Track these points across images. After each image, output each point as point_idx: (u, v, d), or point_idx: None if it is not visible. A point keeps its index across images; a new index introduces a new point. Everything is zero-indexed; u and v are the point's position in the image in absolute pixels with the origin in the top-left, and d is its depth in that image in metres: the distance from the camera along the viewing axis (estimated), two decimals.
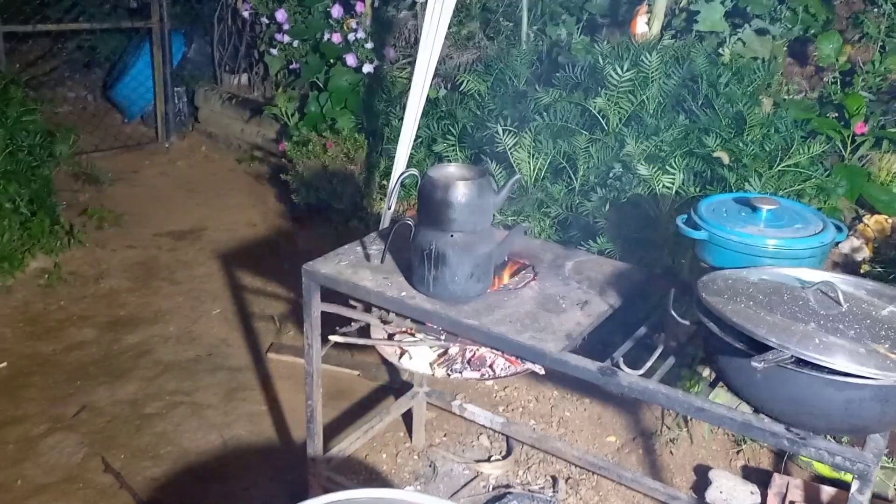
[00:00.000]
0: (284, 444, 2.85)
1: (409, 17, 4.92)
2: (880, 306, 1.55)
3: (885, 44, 3.88)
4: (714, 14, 3.70)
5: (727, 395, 2.33)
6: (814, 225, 1.83)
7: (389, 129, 4.16)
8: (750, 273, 1.68)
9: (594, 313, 1.89)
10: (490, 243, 1.91)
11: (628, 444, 2.85)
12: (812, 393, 1.38)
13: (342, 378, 3.24)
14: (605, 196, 2.93)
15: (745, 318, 1.46)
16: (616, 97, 3.07)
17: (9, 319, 3.65)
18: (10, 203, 4.10)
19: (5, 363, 3.31)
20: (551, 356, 1.71)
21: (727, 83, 3.11)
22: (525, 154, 3.13)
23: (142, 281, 4.03)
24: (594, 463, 2.50)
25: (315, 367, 2.16)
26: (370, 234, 2.32)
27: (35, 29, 5.47)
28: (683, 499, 2.37)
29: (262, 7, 5.16)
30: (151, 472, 2.69)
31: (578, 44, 3.65)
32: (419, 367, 2.02)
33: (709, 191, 2.83)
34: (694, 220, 1.86)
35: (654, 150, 2.90)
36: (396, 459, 2.77)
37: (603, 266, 2.16)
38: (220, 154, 5.77)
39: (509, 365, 1.97)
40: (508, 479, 2.67)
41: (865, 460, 1.39)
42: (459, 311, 1.86)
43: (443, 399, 2.77)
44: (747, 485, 2.54)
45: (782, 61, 3.85)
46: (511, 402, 3.09)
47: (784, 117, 3.13)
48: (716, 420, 1.52)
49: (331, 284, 2.05)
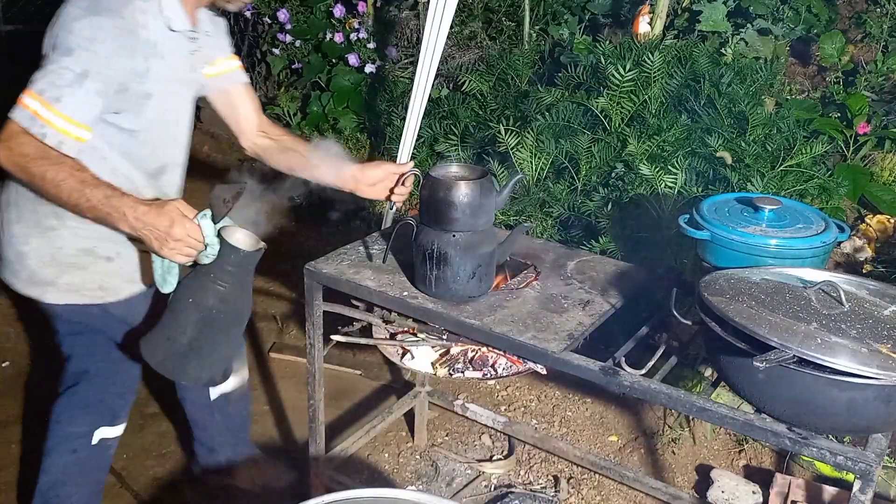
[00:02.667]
0: (286, 443, 2.85)
1: (410, 17, 4.92)
2: (883, 306, 1.55)
3: (887, 43, 3.88)
4: (716, 14, 3.71)
5: (729, 394, 2.34)
6: (816, 225, 1.83)
7: (391, 128, 4.16)
8: (752, 273, 1.68)
9: (596, 313, 1.89)
10: (492, 243, 1.91)
11: (630, 443, 2.85)
12: (814, 393, 1.38)
13: (344, 378, 3.25)
14: (607, 196, 2.93)
15: (747, 317, 1.46)
16: (618, 97, 3.08)
17: (11, 318, 3.65)
18: None
19: (8, 362, 3.31)
20: (553, 356, 1.71)
21: (729, 83, 3.11)
22: (527, 154, 3.13)
23: None
24: (596, 462, 2.50)
25: (317, 367, 2.17)
26: (372, 233, 2.32)
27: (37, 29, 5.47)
28: (685, 498, 2.37)
29: (264, 7, 5.17)
30: (154, 471, 2.69)
31: (580, 43, 3.66)
32: (421, 367, 2.02)
33: (711, 191, 2.83)
34: (696, 219, 1.86)
35: (657, 149, 2.90)
36: (398, 459, 2.77)
37: (605, 266, 2.16)
38: (223, 154, 5.77)
39: (511, 365, 1.97)
40: (510, 479, 2.67)
41: (867, 460, 1.39)
42: (461, 311, 1.86)
43: (445, 399, 2.77)
44: (749, 484, 2.54)
45: (785, 61, 3.85)
46: (513, 402, 3.09)
47: (786, 117, 3.13)
48: (718, 420, 1.52)
49: (333, 284, 2.05)
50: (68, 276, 1.92)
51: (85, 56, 1.68)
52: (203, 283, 1.71)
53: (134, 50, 1.75)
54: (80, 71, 1.67)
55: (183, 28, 1.87)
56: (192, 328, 1.73)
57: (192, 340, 1.74)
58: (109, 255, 1.93)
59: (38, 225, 1.88)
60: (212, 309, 1.72)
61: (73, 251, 1.89)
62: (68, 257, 1.90)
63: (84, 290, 1.94)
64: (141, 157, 1.90)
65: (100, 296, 1.95)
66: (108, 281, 1.95)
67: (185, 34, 1.89)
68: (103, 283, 1.95)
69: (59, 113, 1.66)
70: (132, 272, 1.97)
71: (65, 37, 1.69)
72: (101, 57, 1.69)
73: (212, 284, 1.71)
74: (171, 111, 1.94)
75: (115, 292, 1.97)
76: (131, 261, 1.96)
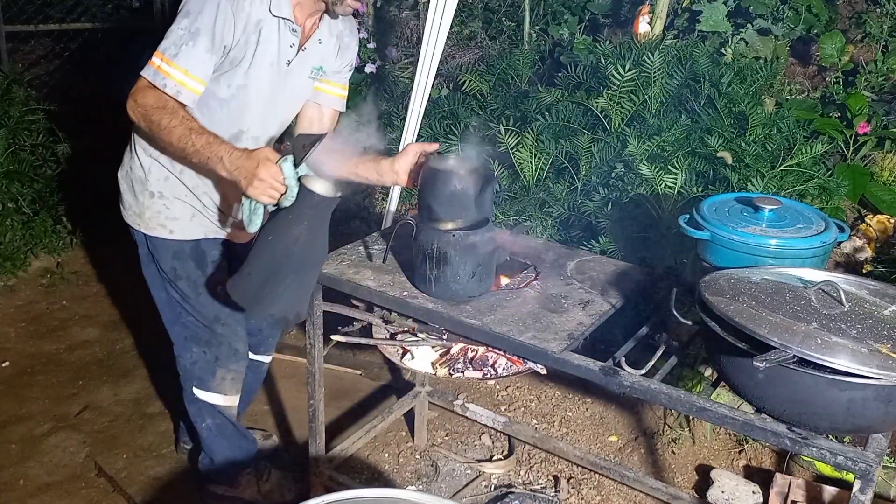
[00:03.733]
0: (287, 443, 2.85)
1: (410, 17, 4.92)
2: (882, 306, 1.55)
3: (887, 43, 3.88)
4: (716, 14, 3.71)
5: (729, 394, 2.34)
6: (816, 225, 1.83)
7: (391, 128, 4.16)
8: (752, 273, 1.68)
9: (596, 313, 1.89)
10: (492, 243, 1.91)
11: (630, 443, 2.85)
12: (814, 393, 1.38)
13: (344, 377, 3.25)
14: (607, 196, 2.93)
15: (747, 317, 1.46)
16: (618, 97, 3.07)
17: (12, 319, 3.65)
18: (12, 203, 4.11)
19: (8, 362, 3.31)
20: (553, 356, 1.71)
21: (729, 83, 3.11)
22: (527, 154, 3.13)
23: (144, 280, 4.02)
24: (596, 462, 2.50)
25: (317, 367, 2.17)
26: (372, 233, 2.32)
27: (37, 29, 5.47)
28: (685, 498, 2.37)
29: None
30: (154, 471, 2.69)
31: (580, 43, 3.65)
32: (421, 367, 2.03)
33: (711, 191, 2.83)
34: (696, 219, 1.86)
35: (657, 149, 2.90)
36: (398, 459, 2.77)
37: (605, 266, 2.16)
38: None
39: (511, 364, 1.97)
40: (510, 479, 2.67)
41: (867, 460, 1.39)
42: (461, 311, 1.86)
43: (445, 399, 2.77)
44: (749, 484, 2.54)
45: (785, 61, 3.85)
46: (513, 402, 3.09)
47: (786, 117, 3.13)
48: (718, 420, 1.52)
49: (333, 284, 2.05)
50: (128, 196, 2.21)
51: (198, 18, 1.92)
52: (282, 223, 1.87)
53: (237, 20, 1.95)
54: (193, 30, 1.92)
55: (282, 15, 2.01)
56: (269, 264, 1.87)
57: (269, 276, 1.87)
58: (154, 192, 2.17)
59: (130, 147, 2.19)
60: (288, 248, 1.86)
61: (134, 176, 2.18)
62: (131, 179, 2.19)
63: (131, 211, 2.22)
64: (219, 120, 2.07)
65: (138, 223, 2.21)
66: (145, 212, 2.19)
67: (286, 24, 2.04)
68: (142, 213, 2.20)
69: (177, 66, 1.91)
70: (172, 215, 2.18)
71: (185, 3, 1.96)
72: (210, 19, 1.92)
73: (289, 225, 1.86)
74: (253, 87, 2.08)
75: (148, 226, 2.20)
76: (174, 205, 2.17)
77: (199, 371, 2.35)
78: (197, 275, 2.26)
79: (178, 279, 2.25)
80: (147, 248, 2.26)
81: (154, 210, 2.18)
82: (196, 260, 2.25)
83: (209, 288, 2.28)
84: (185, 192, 2.17)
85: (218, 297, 2.28)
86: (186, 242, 2.22)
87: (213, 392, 2.37)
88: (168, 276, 2.26)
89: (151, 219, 2.19)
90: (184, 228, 2.21)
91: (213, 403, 2.37)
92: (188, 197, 2.18)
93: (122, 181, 2.23)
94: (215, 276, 2.28)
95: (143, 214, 2.19)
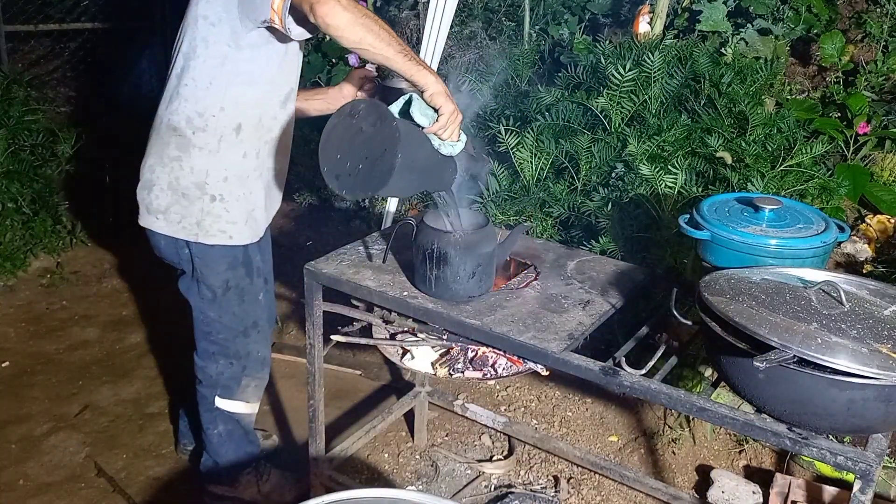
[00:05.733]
0: (286, 443, 2.85)
1: (410, 17, 4.92)
2: (883, 306, 1.55)
3: (888, 43, 3.88)
4: (717, 14, 3.71)
5: (729, 394, 2.34)
6: (816, 225, 1.83)
7: None
8: (752, 273, 1.68)
9: (596, 313, 1.89)
10: (492, 243, 1.91)
11: (630, 443, 2.84)
12: (814, 393, 1.38)
13: (344, 378, 3.25)
14: (607, 196, 2.93)
15: (748, 317, 1.46)
16: (618, 97, 3.07)
17: (11, 319, 3.65)
18: (12, 202, 4.11)
19: (8, 362, 3.31)
20: (553, 356, 1.71)
21: (730, 83, 3.11)
22: (527, 154, 3.13)
23: (144, 280, 4.03)
24: (596, 463, 2.50)
25: (317, 367, 2.17)
26: (372, 233, 2.32)
27: (37, 28, 5.47)
28: (685, 498, 2.37)
29: None
30: (154, 471, 2.69)
31: (580, 43, 3.65)
32: (421, 367, 2.02)
33: (711, 191, 2.82)
34: (696, 219, 1.86)
35: (657, 149, 2.90)
36: (398, 459, 2.77)
37: (605, 266, 2.16)
38: None
39: (511, 365, 1.97)
40: (510, 479, 2.67)
41: (867, 460, 1.39)
42: (461, 311, 1.86)
43: (445, 399, 2.77)
44: (749, 485, 2.54)
45: (785, 61, 3.85)
46: (513, 402, 3.09)
47: (787, 117, 3.13)
48: (718, 420, 1.52)
49: (333, 284, 2.05)
50: (177, 207, 2.13)
51: None
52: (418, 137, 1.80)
53: None
54: None
55: None
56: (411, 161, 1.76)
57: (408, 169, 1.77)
58: (214, 195, 2.11)
59: (163, 155, 2.11)
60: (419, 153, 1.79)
61: (187, 183, 2.10)
62: (181, 188, 2.11)
63: (185, 222, 2.14)
64: (278, 79, 2.09)
65: (195, 233, 2.14)
66: (204, 219, 2.13)
67: None
68: (201, 220, 2.13)
69: None
70: (231, 219, 2.15)
71: None
72: None
73: (422, 142, 1.80)
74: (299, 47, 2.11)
75: (207, 233, 2.14)
76: (234, 206, 2.14)
77: (224, 380, 2.33)
78: (246, 282, 2.24)
79: (228, 290, 2.22)
80: (193, 264, 2.19)
81: (214, 215, 2.13)
82: (247, 266, 2.23)
83: (254, 294, 2.27)
84: (242, 191, 2.14)
85: (259, 303, 2.28)
86: (239, 249, 2.20)
87: (236, 400, 2.36)
88: (216, 291, 2.22)
89: (212, 225, 2.13)
90: (241, 232, 2.18)
91: (234, 412, 2.36)
92: (245, 196, 2.15)
93: (163, 193, 2.12)
94: (258, 280, 2.28)
95: (203, 222, 2.13)
